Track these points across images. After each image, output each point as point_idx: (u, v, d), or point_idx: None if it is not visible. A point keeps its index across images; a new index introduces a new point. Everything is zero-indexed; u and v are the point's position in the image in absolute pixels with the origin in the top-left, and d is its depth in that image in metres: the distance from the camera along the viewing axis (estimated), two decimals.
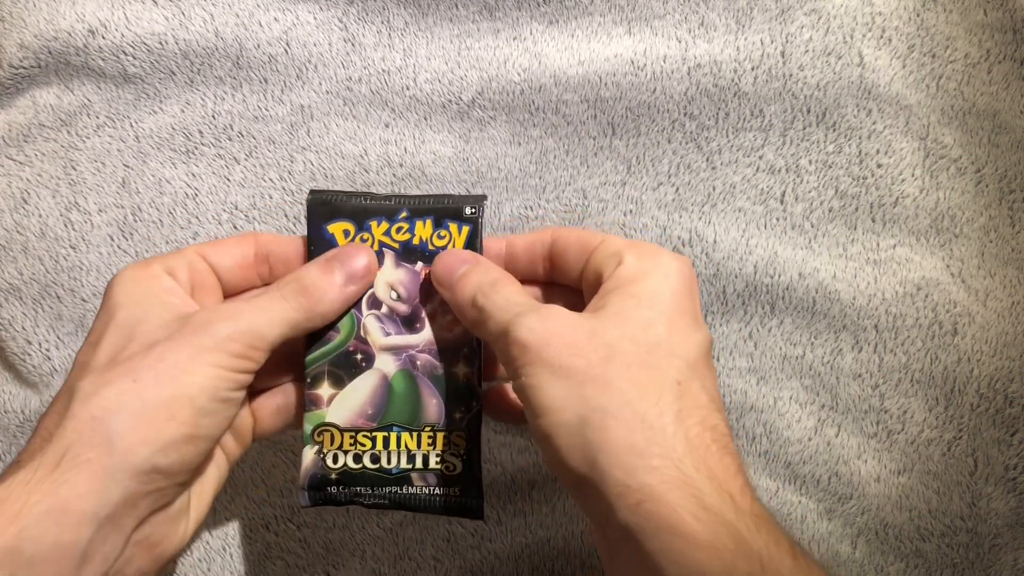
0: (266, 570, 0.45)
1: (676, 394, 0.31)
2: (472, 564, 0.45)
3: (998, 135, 0.47)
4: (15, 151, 0.49)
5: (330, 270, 0.36)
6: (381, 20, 0.49)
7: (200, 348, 0.33)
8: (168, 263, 0.36)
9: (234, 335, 0.33)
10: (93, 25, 0.48)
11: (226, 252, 0.38)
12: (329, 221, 0.38)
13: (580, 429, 0.31)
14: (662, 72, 0.48)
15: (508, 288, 0.35)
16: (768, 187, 0.47)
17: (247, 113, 0.49)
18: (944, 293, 0.45)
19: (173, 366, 0.32)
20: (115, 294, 0.35)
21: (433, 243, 0.38)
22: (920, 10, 0.48)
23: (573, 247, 0.37)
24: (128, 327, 0.34)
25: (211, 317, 0.34)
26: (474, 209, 0.38)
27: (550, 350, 0.32)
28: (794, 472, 0.45)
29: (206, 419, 0.33)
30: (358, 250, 0.37)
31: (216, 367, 0.33)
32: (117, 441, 0.31)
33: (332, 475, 0.37)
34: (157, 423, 0.32)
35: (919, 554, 0.44)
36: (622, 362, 0.31)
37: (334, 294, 0.36)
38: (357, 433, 0.37)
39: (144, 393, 0.32)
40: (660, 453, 0.30)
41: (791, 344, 0.46)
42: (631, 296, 0.34)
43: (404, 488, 0.37)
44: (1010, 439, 0.44)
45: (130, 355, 0.33)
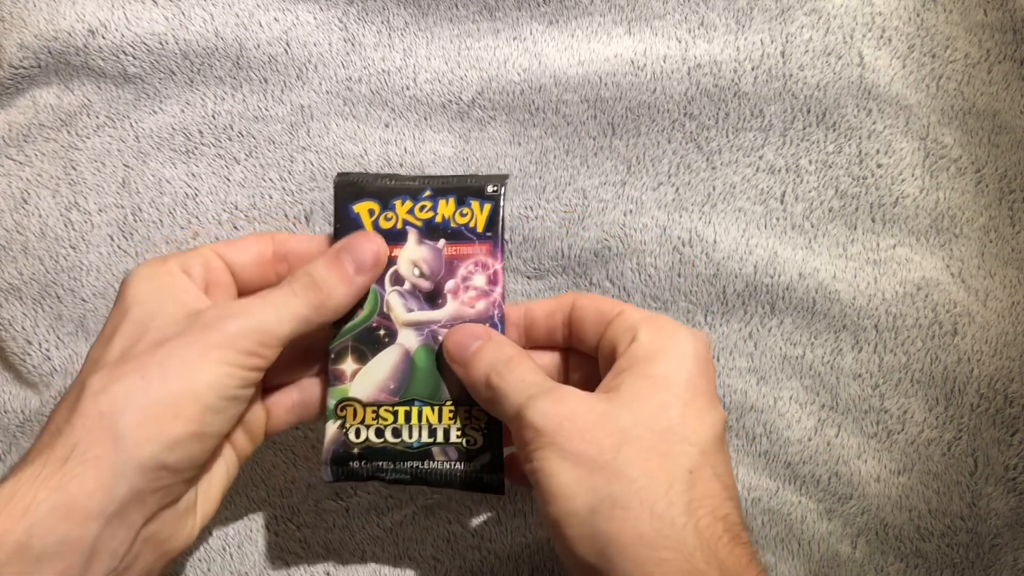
0: (266, 570, 0.45)
1: (687, 483, 0.31)
2: (472, 564, 0.45)
3: (998, 135, 0.47)
4: (15, 151, 0.49)
5: (339, 262, 0.36)
6: (381, 20, 0.49)
7: (209, 345, 0.33)
8: (184, 260, 0.36)
9: (244, 332, 0.33)
10: (93, 25, 0.48)
11: (243, 250, 0.38)
12: (355, 201, 0.38)
13: (589, 518, 0.30)
14: (662, 72, 0.48)
15: (522, 367, 0.35)
16: (768, 187, 0.47)
17: (247, 113, 0.49)
18: (944, 293, 0.45)
19: (181, 363, 0.32)
20: (130, 290, 0.35)
21: (456, 220, 0.38)
22: (920, 10, 0.48)
23: (591, 317, 0.37)
24: (140, 323, 0.34)
25: (221, 314, 0.34)
26: (496, 187, 0.38)
27: (562, 435, 0.32)
28: (794, 472, 0.45)
29: (213, 416, 0.33)
30: (367, 239, 0.37)
31: (225, 364, 0.33)
32: (124, 438, 0.31)
33: (354, 449, 0.37)
34: (164, 420, 0.32)
35: (919, 554, 0.44)
36: (634, 449, 0.31)
37: (345, 287, 0.36)
38: (379, 407, 0.37)
39: (151, 390, 0.32)
40: (670, 545, 0.29)
41: (791, 344, 0.46)
42: (645, 377, 0.33)
43: (425, 463, 0.37)
44: (1010, 439, 0.44)
45: (140, 351, 0.33)
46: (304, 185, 0.48)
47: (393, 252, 0.38)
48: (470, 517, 0.45)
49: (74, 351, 0.47)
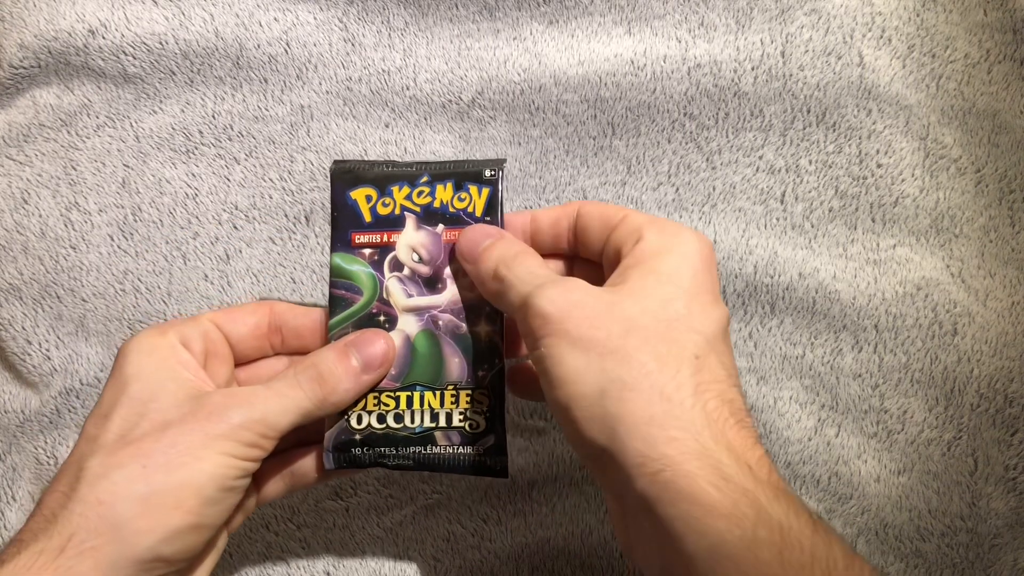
0: (266, 570, 0.45)
1: (694, 368, 0.31)
2: (472, 564, 0.45)
3: (998, 135, 0.47)
4: (15, 151, 0.49)
5: (347, 356, 0.36)
6: (381, 20, 0.49)
7: (212, 435, 0.32)
8: (183, 332, 0.36)
9: (246, 423, 0.33)
10: (93, 25, 0.48)
11: (240, 321, 0.38)
12: (352, 188, 0.38)
13: (599, 400, 0.31)
14: (662, 72, 0.48)
15: (530, 260, 0.35)
16: (768, 187, 0.47)
17: (247, 113, 0.49)
18: (944, 293, 0.45)
19: (184, 452, 0.32)
20: (128, 363, 0.34)
21: (454, 205, 0.38)
22: (920, 10, 0.48)
23: (596, 222, 0.37)
24: (141, 402, 0.33)
25: (225, 402, 0.33)
26: (494, 171, 0.38)
27: (570, 322, 0.32)
28: (794, 472, 0.45)
29: (211, 508, 0.33)
30: (376, 336, 0.37)
31: (226, 455, 0.33)
32: (123, 528, 0.31)
33: (356, 436, 0.37)
34: (164, 511, 0.31)
35: (919, 554, 0.44)
36: (641, 336, 0.31)
37: (349, 383, 0.36)
38: (381, 393, 0.37)
39: (153, 479, 0.31)
40: (679, 425, 0.30)
41: (791, 344, 0.46)
42: (651, 272, 0.33)
43: (428, 448, 0.37)
44: (1010, 439, 0.44)
45: (141, 435, 0.32)
46: (304, 185, 0.48)
47: (391, 238, 0.38)
48: (470, 517, 0.45)
49: (74, 351, 0.47)
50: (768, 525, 0.28)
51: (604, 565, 0.44)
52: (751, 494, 0.29)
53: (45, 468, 0.46)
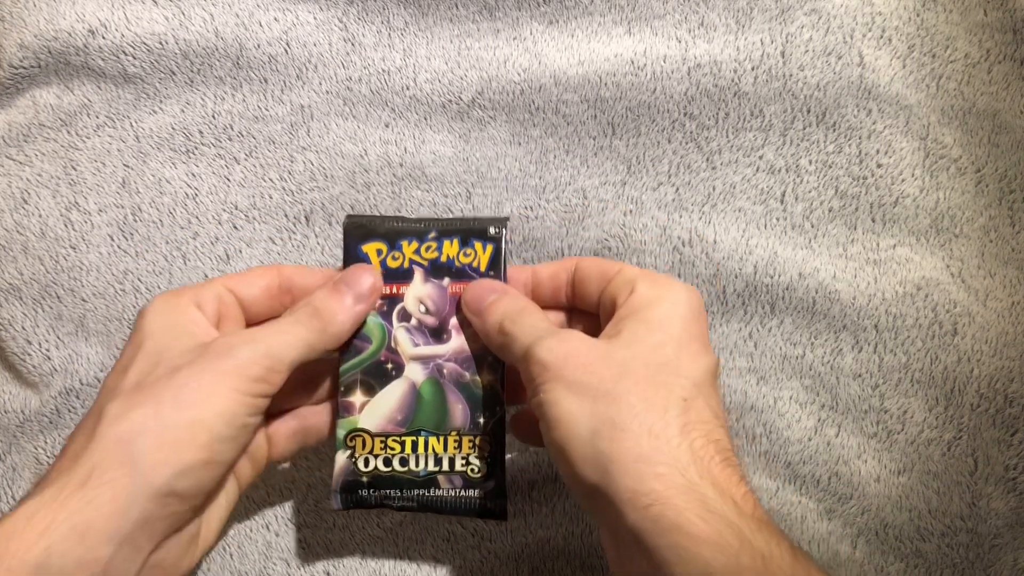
0: (266, 570, 0.45)
1: (681, 409, 0.33)
2: (472, 564, 0.45)
3: (998, 135, 0.47)
4: (15, 151, 0.49)
5: (338, 292, 0.38)
6: (381, 20, 0.49)
7: (221, 372, 0.34)
8: (197, 295, 0.38)
9: (254, 357, 0.35)
10: (93, 25, 0.48)
11: (251, 283, 0.40)
12: (363, 242, 0.41)
13: (591, 440, 0.33)
14: (662, 72, 0.48)
15: (533, 315, 0.38)
16: (768, 187, 0.47)
17: (247, 113, 0.49)
18: (944, 293, 0.45)
19: (194, 391, 0.34)
20: (145, 323, 0.36)
21: (460, 260, 0.41)
22: (920, 10, 0.48)
23: (593, 276, 0.39)
24: (154, 354, 0.35)
25: (231, 341, 0.35)
26: (497, 229, 0.41)
27: (567, 369, 0.34)
28: (794, 472, 0.45)
29: (223, 445, 0.34)
30: (363, 271, 0.39)
31: (235, 391, 0.34)
32: (139, 462, 0.32)
33: (363, 478, 0.39)
34: (177, 447, 0.33)
35: (919, 554, 0.44)
36: (632, 380, 0.34)
37: (344, 314, 0.38)
38: (387, 438, 0.39)
39: (165, 417, 0.33)
40: (666, 461, 0.32)
41: (791, 344, 0.46)
42: (643, 321, 0.36)
43: (431, 490, 0.39)
44: (1010, 439, 0.44)
45: (155, 380, 0.34)
46: (304, 185, 0.48)
47: (400, 290, 0.40)
48: (470, 518, 0.45)
49: (74, 351, 0.47)
50: (751, 553, 0.30)
51: (604, 565, 0.44)
52: (735, 526, 0.31)
53: (45, 468, 0.46)
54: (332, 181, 0.48)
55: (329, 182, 0.48)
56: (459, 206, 0.48)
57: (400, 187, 0.48)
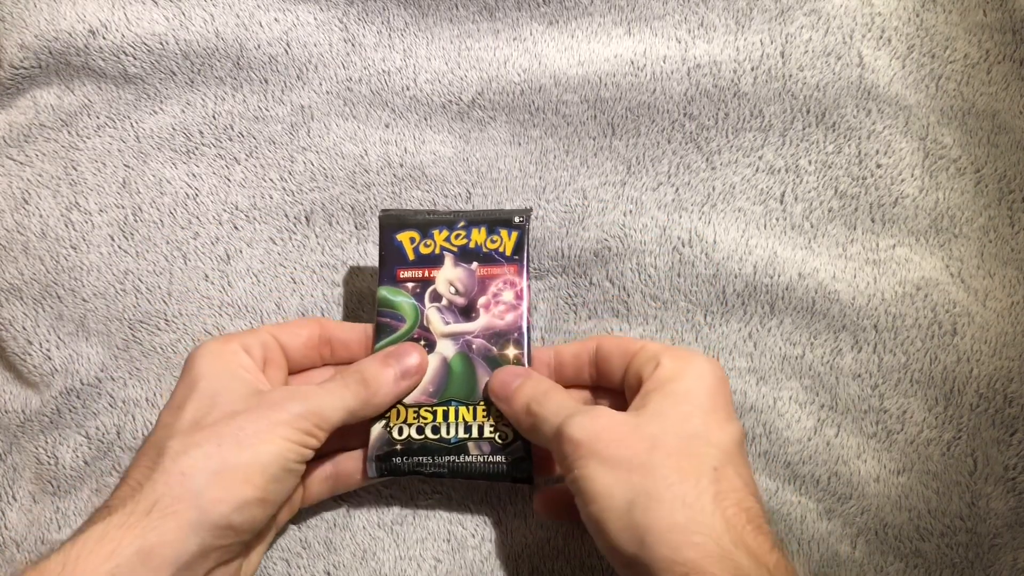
0: (266, 570, 0.45)
1: (712, 478, 0.34)
2: (472, 564, 0.45)
3: (997, 135, 0.47)
4: (16, 151, 0.49)
5: (387, 365, 0.41)
6: (381, 21, 0.49)
7: (275, 422, 0.37)
8: (245, 341, 0.40)
9: (304, 414, 0.37)
10: (94, 25, 0.48)
11: (295, 334, 0.42)
12: (398, 231, 0.44)
13: (628, 512, 0.34)
14: (662, 72, 0.48)
15: (558, 395, 0.39)
16: (768, 187, 0.47)
17: (247, 113, 0.49)
18: (943, 293, 0.45)
19: (252, 435, 0.36)
20: (197, 365, 0.39)
21: (487, 246, 0.43)
22: (920, 11, 0.48)
23: (616, 354, 0.41)
24: (210, 396, 0.38)
25: (286, 396, 0.38)
26: (522, 218, 0.44)
27: (599, 444, 0.35)
28: (794, 472, 0.45)
29: (275, 485, 0.37)
30: (412, 349, 0.42)
31: (287, 440, 0.37)
32: (201, 496, 0.35)
33: (397, 446, 0.41)
34: (236, 484, 0.35)
35: (919, 554, 0.44)
36: (664, 452, 0.35)
37: (388, 387, 0.41)
38: (420, 408, 0.42)
39: (226, 456, 0.36)
40: (700, 531, 0.33)
41: (791, 344, 0.46)
42: (670, 394, 0.37)
43: (461, 456, 0.41)
44: (1009, 439, 0.44)
45: (214, 421, 0.37)
46: (304, 185, 0.48)
47: (432, 274, 0.43)
48: (470, 517, 0.45)
49: (74, 351, 0.47)
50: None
51: (604, 565, 0.44)
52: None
53: (45, 468, 0.46)
54: (332, 181, 0.48)
55: (329, 182, 0.48)
56: (459, 206, 0.48)
57: (400, 187, 0.48)
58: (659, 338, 0.46)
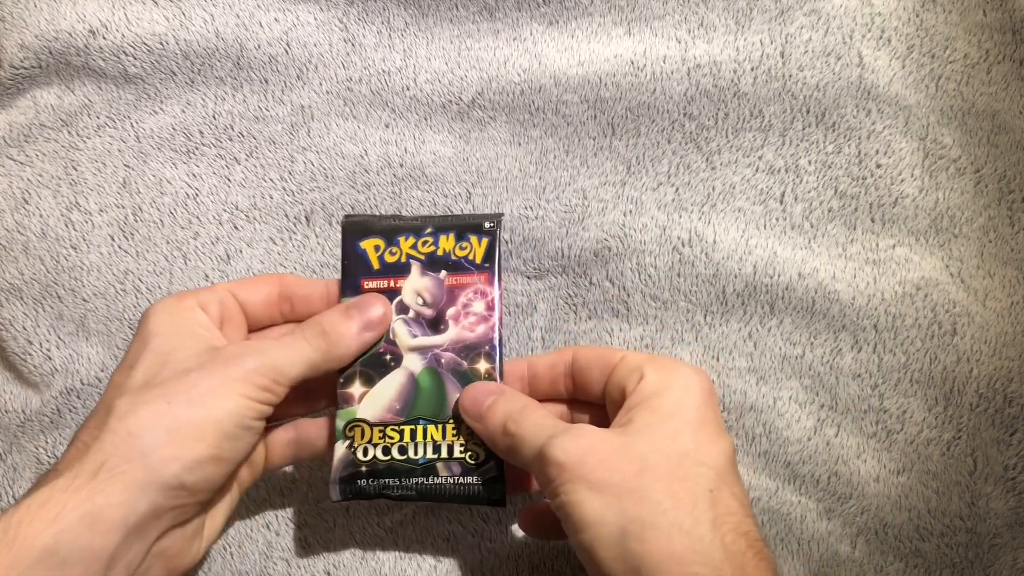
0: (266, 570, 0.45)
1: (709, 502, 0.33)
2: (472, 564, 0.45)
3: (997, 135, 0.47)
4: (16, 151, 0.49)
5: (349, 317, 0.39)
6: (381, 21, 0.49)
7: (229, 378, 0.35)
8: (201, 298, 0.39)
9: (260, 369, 0.36)
10: (94, 25, 0.48)
11: (254, 290, 0.41)
12: (362, 238, 0.41)
13: (621, 540, 0.32)
14: (662, 72, 0.48)
15: (536, 413, 0.37)
16: (768, 187, 0.47)
17: (247, 113, 0.49)
18: (943, 293, 0.45)
19: (205, 391, 0.35)
20: (151, 323, 0.37)
21: (456, 253, 0.41)
22: (919, 11, 0.48)
23: (595, 365, 0.39)
24: (162, 354, 0.36)
25: (241, 351, 0.36)
26: (492, 224, 0.42)
27: (585, 467, 0.33)
28: (793, 472, 0.45)
29: (230, 443, 0.35)
30: (376, 299, 0.40)
31: (242, 396, 0.35)
32: (150, 456, 0.33)
33: (362, 468, 0.39)
34: (187, 442, 0.34)
35: (918, 554, 0.44)
36: (655, 474, 0.33)
37: (350, 339, 0.39)
38: (386, 427, 0.40)
39: (177, 414, 0.34)
40: (700, 560, 0.31)
41: (791, 344, 0.46)
42: (656, 410, 0.35)
43: (430, 478, 0.39)
44: (1009, 439, 0.44)
45: (164, 379, 0.35)
46: (304, 185, 0.48)
47: (398, 284, 0.41)
48: (470, 517, 0.45)
49: (75, 351, 0.47)
50: None
51: None
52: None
53: (46, 468, 0.46)
54: (332, 181, 0.48)
55: (329, 182, 0.48)
56: (459, 206, 0.48)
57: (400, 187, 0.48)
58: (659, 338, 0.46)
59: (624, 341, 0.46)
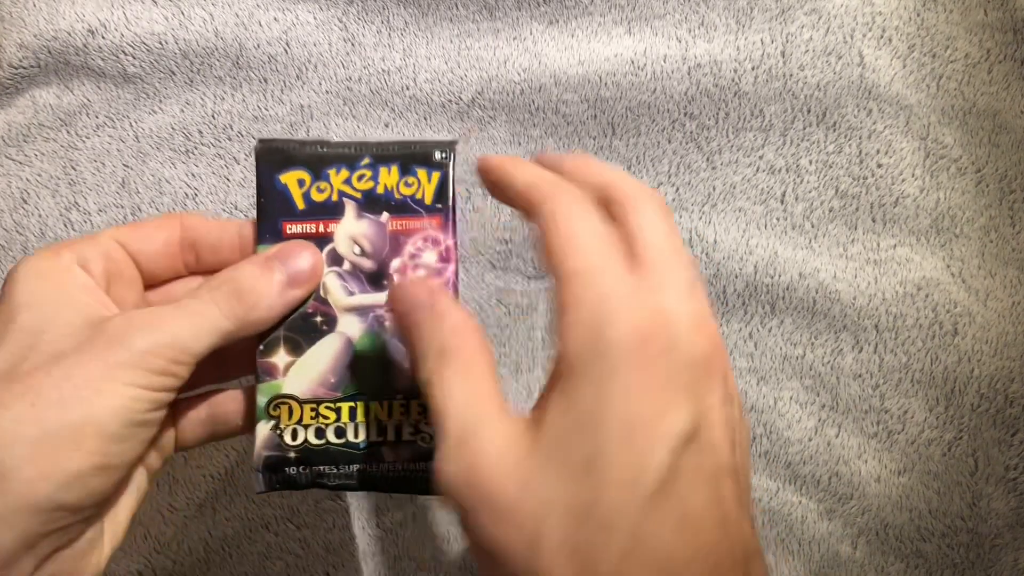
0: (266, 570, 0.45)
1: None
2: (472, 564, 0.45)
3: (998, 135, 0.47)
4: (15, 151, 0.49)
5: (269, 269, 0.32)
6: (381, 20, 0.49)
7: (113, 364, 0.28)
8: (81, 251, 0.31)
9: (154, 348, 0.29)
10: (93, 25, 0.48)
11: (148, 238, 0.33)
12: (281, 170, 0.34)
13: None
14: (662, 72, 0.48)
15: (468, 380, 0.27)
16: (768, 187, 0.47)
17: (247, 113, 0.49)
18: (944, 293, 0.45)
19: (81, 386, 0.27)
20: (17, 291, 0.29)
21: (400, 191, 0.34)
22: (920, 10, 0.48)
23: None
24: (31, 333, 0.29)
25: (128, 326, 0.29)
26: (444, 154, 0.34)
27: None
28: (794, 472, 0.45)
29: (118, 446, 0.28)
30: (302, 247, 0.33)
31: (132, 386, 0.28)
32: (12, 477, 0.26)
33: (291, 454, 0.32)
34: (60, 454, 0.27)
35: (919, 554, 0.44)
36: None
37: (272, 299, 0.31)
38: (319, 404, 0.32)
39: (45, 419, 0.27)
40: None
41: (791, 344, 0.46)
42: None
43: (374, 465, 0.32)
44: (1010, 439, 0.44)
45: (31, 369, 0.28)
46: None
47: (329, 228, 0.33)
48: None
49: None
50: None
51: None
52: None
53: None
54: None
55: None
56: (458, 206, 0.48)
57: None
58: None
59: None
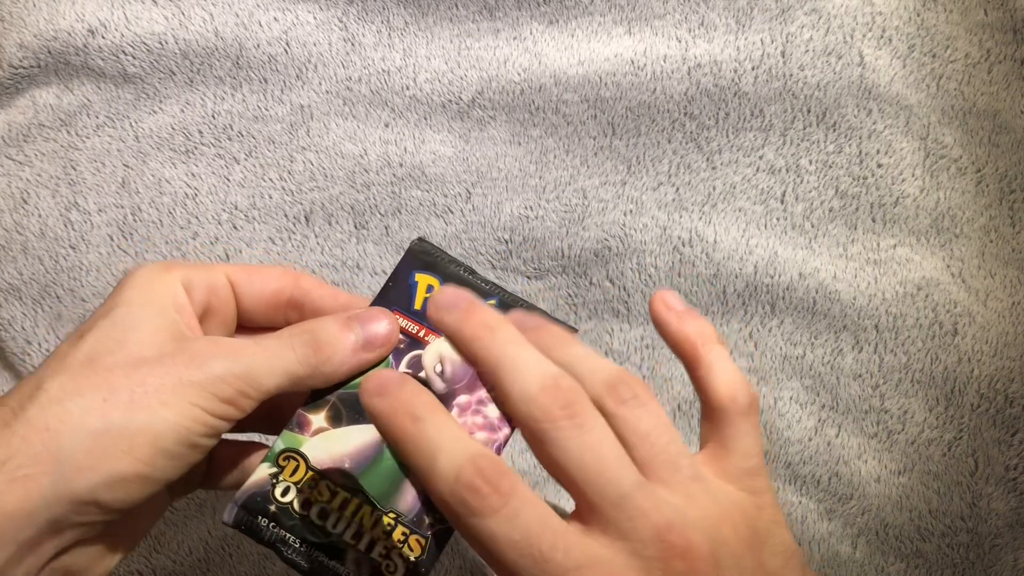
0: (266, 570, 0.45)
1: None
2: (472, 564, 0.45)
3: (998, 135, 0.47)
4: (15, 151, 0.49)
5: (348, 328, 0.32)
6: (381, 20, 0.49)
7: (187, 381, 0.29)
8: (189, 275, 0.32)
9: (227, 375, 0.30)
10: (93, 25, 0.48)
11: (260, 284, 0.34)
12: (421, 270, 0.35)
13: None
14: (662, 72, 0.48)
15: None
16: (768, 187, 0.47)
17: (247, 113, 0.49)
18: (944, 293, 0.45)
19: (151, 394, 0.29)
20: (125, 290, 0.31)
21: None
22: (920, 10, 0.48)
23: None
24: (121, 329, 0.30)
25: (209, 350, 0.30)
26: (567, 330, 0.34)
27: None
28: (794, 472, 0.45)
29: (166, 461, 0.29)
30: (383, 315, 0.33)
31: (196, 407, 0.29)
32: (65, 462, 0.28)
33: (272, 507, 0.32)
34: (112, 453, 0.28)
35: (919, 554, 0.44)
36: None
37: (345, 355, 0.32)
38: (322, 480, 0.32)
39: (110, 417, 0.28)
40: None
41: (791, 344, 0.46)
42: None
43: (332, 562, 0.32)
44: (1010, 439, 0.44)
45: (112, 364, 0.29)
46: (304, 185, 0.48)
47: (428, 337, 0.34)
48: None
49: None
50: None
51: None
52: None
53: None
54: (332, 181, 0.48)
55: (329, 182, 0.48)
56: (459, 206, 0.48)
57: (400, 187, 0.48)
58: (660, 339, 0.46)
59: (624, 341, 0.46)
